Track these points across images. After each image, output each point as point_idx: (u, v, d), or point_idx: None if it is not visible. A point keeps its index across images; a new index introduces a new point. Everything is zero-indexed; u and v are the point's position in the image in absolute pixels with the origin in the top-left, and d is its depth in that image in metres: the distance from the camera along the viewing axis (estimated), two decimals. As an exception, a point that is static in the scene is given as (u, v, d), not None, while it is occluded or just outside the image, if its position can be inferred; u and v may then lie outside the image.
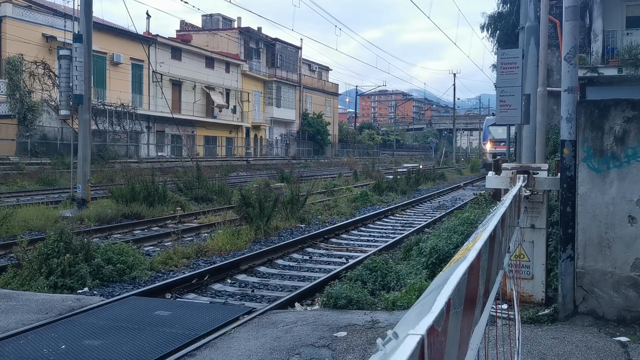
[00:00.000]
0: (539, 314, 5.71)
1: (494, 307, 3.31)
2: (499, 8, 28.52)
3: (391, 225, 14.43)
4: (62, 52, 15.61)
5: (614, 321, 5.42)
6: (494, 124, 33.88)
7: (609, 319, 5.45)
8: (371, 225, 14.33)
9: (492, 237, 2.05)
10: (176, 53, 48.23)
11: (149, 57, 40.93)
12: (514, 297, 4.14)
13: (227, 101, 54.67)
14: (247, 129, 57.90)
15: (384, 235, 12.89)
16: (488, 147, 35.55)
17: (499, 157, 34.63)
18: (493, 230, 2.10)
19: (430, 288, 1.37)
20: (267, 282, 8.41)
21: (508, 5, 27.12)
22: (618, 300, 5.45)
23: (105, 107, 38.02)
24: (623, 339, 5.06)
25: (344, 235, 12.70)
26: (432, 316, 1.01)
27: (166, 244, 10.91)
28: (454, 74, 73.62)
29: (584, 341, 5.01)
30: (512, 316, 4.44)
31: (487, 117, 40.63)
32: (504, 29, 26.88)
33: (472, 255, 1.55)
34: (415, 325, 0.97)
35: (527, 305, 5.95)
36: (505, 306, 5.11)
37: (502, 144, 32.11)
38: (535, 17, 11.27)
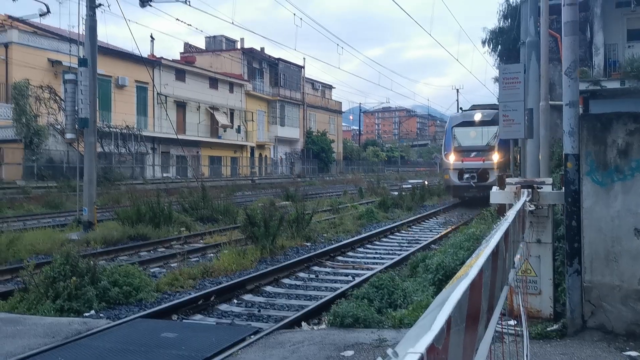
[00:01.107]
0: (548, 329, 5.67)
1: (500, 323, 3.30)
2: (499, 23, 28.71)
3: (397, 242, 14.39)
4: (68, 76, 15.78)
5: (623, 335, 5.37)
6: (462, 123, 24.34)
7: (618, 334, 5.40)
8: (377, 243, 14.29)
9: (494, 253, 2.05)
10: (180, 75, 48.62)
11: (153, 80, 41.29)
12: (522, 313, 4.11)
13: (232, 121, 54.94)
14: (252, 149, 58.09)
15: (390, 252, 12.85)
16: (452, 160, 23.89)
17: (468, 175, 22.59)
18: (495, 247, 2.11)
19: (432, 306, 1.37)
20: (274, 302, 8.39)
21: (509, 20, 27.31)
22: (627, 314, 5.41)
23: (111, 129, 38.27)
24: (633, 353, 5.01)
25: (350, 253, 12.66)
26: (432, 334, 1.02)
27: (172, 265, 10.91)
28: (457, 90, 73.89)
29: (594, 356, 4.97)
30: (520, 332, 4.41)
31: (450, 116, 27.32)
32: (505, 43, 27.04)
33: (473, 272, 1.56)
34: (415, 344, 0.98)
35: (535, 320, 5.91)
36: (513, 322, 5.08)
37: (473, 154, 23.52)
38: (535, 32, 11.34)
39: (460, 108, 27.39)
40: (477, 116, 23.86)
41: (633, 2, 19.99)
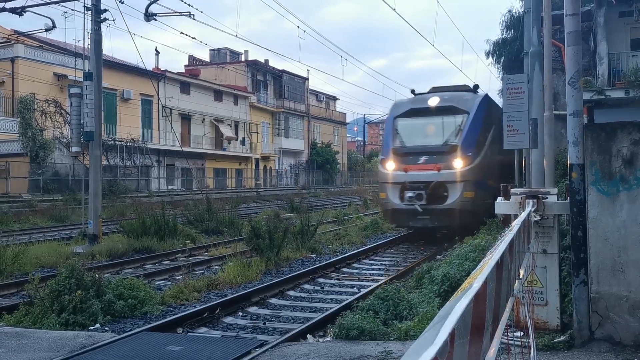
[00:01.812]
0: (555, 340, 5.62)
1: (507, 334, 3.28)
2: (502, 34, 28.81)
3: (402, 253, 14.34)
4: (73, 90, 15.88)
5: (631, 347, 5.32)
6: (410, 112, 15.93)
7: (626, 345, 5.36)
8: (382, 254, 14.25)
9: (498, 264, 2.04)
10: (185, 87, 48.87)
11: (158, 92, 41.49)
12: (529, 324, 4.08)
13: (236, 133, 55.10)
14: (257, 160, 58.20)
15: (396, 263, 12.80)
16: (390, 168, 15.49)
17: (412, 193, 14.78)
18: (500, 258, 2.10)
19: (435, 319, 1.36)
20: (279, 314, 8.36)
21: (512, 30, 27.41)
22: (635, 325, 5.36)
23: (116, 142, 38.43)
24: (641, 364, 4.96)
25: (355, 265, 12.63)
26: (435, 348, 1.01)
27: (177, 277, 10.90)
28: (461, 100, 73.78)
29: (602, 368, 4.92)
30: (527, 344, 4.37)
31: (394, 102, 17.65)
32: (508, 54, 27.10)
33: (477, 284, 1.55)
34: (417, 358, 0.97)
35: (542, 332, 5.86)
36: (519, 333, 5.04)
37: (422, 159, 15.04)
38: (539, 43, 11.35)
39: (412, 90, 17.18)
40: (433, 101, 15.63)
41: (636, 11, 20.02)
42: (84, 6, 15.70)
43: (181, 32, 23.86)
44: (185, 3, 20.31)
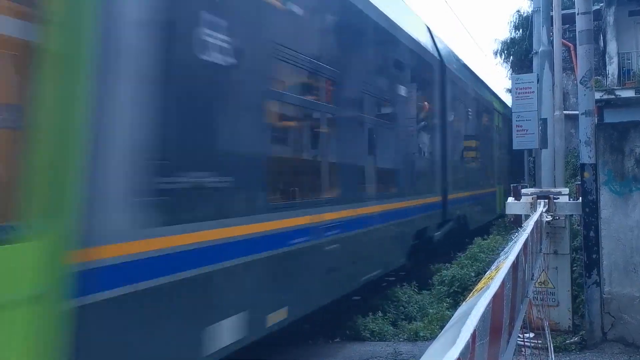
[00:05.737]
0: (567, 342, 5.58)
1: (521, 336, 3.25)
2: (511, 34, 28.73)
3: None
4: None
5: (645, 348, 5.27)
6: None
7: (639, 346, 5.30)
8: (391, 255, 14.16)
9: (514, 265, 2.02)
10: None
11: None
12: (546, 326, 4.04)
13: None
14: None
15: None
16: None
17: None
18: (515, 258, 2.08)
19: (454, 319, 1.35)
20: (288, 315, 8.31)
21: (520, 30, 27.32)
22: (648, 326, 5.31)
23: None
24: (655, 366, 4.91)
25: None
26: (458, 349, 1.00)
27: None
28: (468, 100, 73.48)
29: (615, 369, 4.87)
30: (539, 345, 4.34)
31: None
32: (517, 54, 27.01)
33: (495, 285, 1.53)
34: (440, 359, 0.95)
35: (554, 333, 5.82)
36: (531, 335, 5.01)
37: None
38: (548, 42, 11.27)
39: None
40: None
41: (646, 10, 19.87)
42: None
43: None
44: None
